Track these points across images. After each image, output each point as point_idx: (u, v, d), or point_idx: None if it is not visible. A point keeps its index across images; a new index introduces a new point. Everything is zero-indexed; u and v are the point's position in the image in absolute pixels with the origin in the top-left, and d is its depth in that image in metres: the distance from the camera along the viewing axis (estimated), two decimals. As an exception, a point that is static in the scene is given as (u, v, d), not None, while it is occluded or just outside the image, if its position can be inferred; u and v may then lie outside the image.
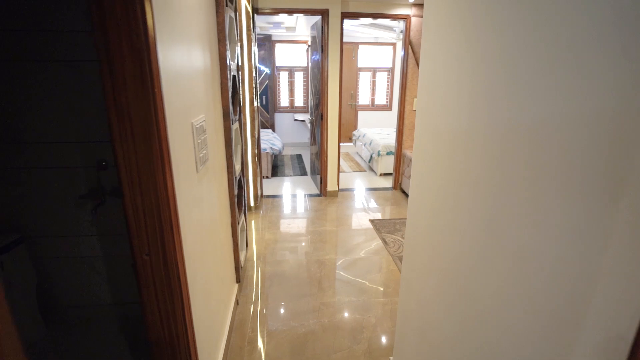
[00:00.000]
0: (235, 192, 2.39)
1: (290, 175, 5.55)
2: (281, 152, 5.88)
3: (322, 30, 4.09)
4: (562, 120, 0.67)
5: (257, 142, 4.16)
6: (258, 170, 4.25)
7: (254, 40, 3.83)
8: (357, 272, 2.85)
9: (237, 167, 2.50)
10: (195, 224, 1.42)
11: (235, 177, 2.39)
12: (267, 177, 5.35)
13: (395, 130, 6.66)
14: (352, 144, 7.58)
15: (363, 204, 4.38)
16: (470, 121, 1.04)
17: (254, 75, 3.86)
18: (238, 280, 2.49)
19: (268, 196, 4.59)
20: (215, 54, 1.89)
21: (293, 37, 7.07)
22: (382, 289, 2.63)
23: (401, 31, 6.30)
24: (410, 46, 4.33)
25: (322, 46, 4.14)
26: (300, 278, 2.76)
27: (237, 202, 2.60)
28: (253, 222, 3.80)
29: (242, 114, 3.55)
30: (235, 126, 2.39)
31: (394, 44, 7.38)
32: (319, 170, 4.66)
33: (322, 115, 4.36)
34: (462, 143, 1.08)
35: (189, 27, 1.38)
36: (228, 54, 2.07)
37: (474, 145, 1.01)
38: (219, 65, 1.99)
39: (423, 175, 1.41)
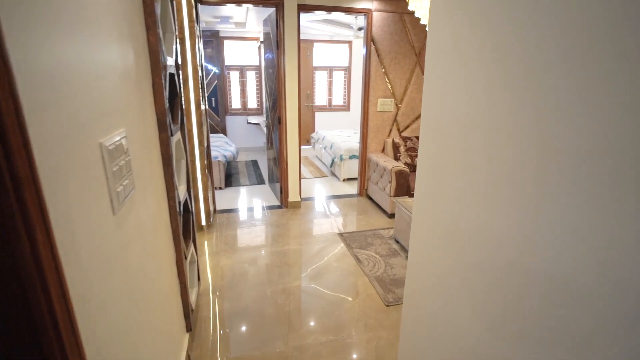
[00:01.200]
0: (180, 219, 1.91)
1: (247, 185, 5.05)
2: (235, 158, 5.36)
3: (276, 24, 3.66)
4: None
5: (206, 151, 3.63)
6: (209, 182, 3.73)
7: (198, 34, 3.31)
8: (332, 301, 2.48)
9: (182, 188, 2.02)
10: (116, 293, 0.96)
11: (179, 202, 1.91)
12: (220, 188, 4.81)
13: (355, 132, 6.42)
14: (310, 146, 7.22)
15: (328, 214, 4.03)
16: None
17: (201, 74, 3.34)
18: (189, 329, 2.00)
19: (222, 211, 4.07)
20: (142, 45, 1.41)
21: (243, 33, 6.54)
22: (363, 322, 2.28)
23: (359, 28, 6.04)
24: (372, 43, 4.05)
25: (277, 42, 3.72)
26: (266, 315, 2.33)
27: (184, 230, 2.11)
28: (206, 244, 3.28)
29: (185, 121, 3.03)
30: (176, 137, 1.90)
31: (350, 42, 7.12)
32: (278, 178, 4.24)
33: (279, 119, 3.94)
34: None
35: (90, 5, 0.91)
36: (162, 46, 1.59)
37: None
38: (149, 61, 1.50)
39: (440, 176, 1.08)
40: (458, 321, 1.06)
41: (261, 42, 6.30)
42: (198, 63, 3.11)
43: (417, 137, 4.25)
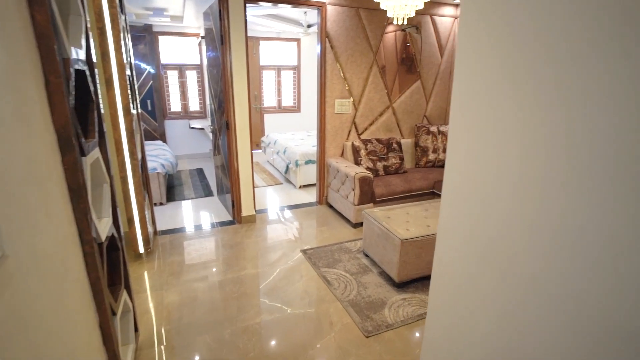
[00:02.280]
0: (103, 265, 1.43)
1: (192, 198, 4.48)
2: (175, 169, 4.75)
3: (220, 17, 3.20)
4: None
5: (141, 163, 3.07)
6: (146, 200, 3.16)
7: (125, 25, 2.75)
8: (303, 338, 2.12)
9: (104, 222, 1.53)
10: None
11: (101, 243, 1.42)
12: (162, 204, 4.20)
13: (309, 134, 6.10)
14: (260, 151, 6.76)
15: (288, 228, 3.65)
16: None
17: (129, 73, 2.78)
18: (123, 407, 1.53)
19: (165, 232, 3.51)
20: (19, 26, 0.94)
21: (181, 28, 5.89)
22: (341, 361, 1.95)
23: (308, 25, 5.72)
24: (328, 39, 3.75)
25: (221, 37, 3.26)
26: (225, 366, 1.90)
27: (110, 277, 1.62)
28: (146, 275, 2.74)
29: (110, 131, 2.48)
30: (92, 157, 1.42)
31: (298, 40, 6.78)
32: (229, 189, 3.77)
33: (227, 124, 3.48)
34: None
35: None
36: (60, 31, 1.12)
37: None
38: (38, 51, 1.03)
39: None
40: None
41: (202, 37, 5.72)
42: (125, 60, 2.56)
43: (378, 140, 4.04)
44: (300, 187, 4.92)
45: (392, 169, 3.99)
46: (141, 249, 2.92)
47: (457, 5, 4.20)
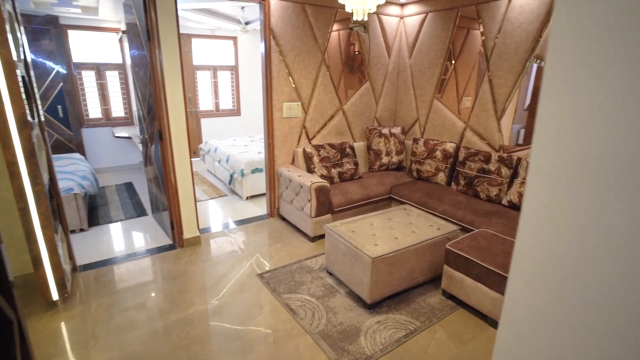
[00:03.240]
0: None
1: (122, 219, 3.84)
2: (97, 185, 4.06)
3: (145, 9, 2.70)
4: None
5: (50, 187, 2.47)
6: (59, 230, 2.56)
7: (12, 12, 2.15)
8: (272, 388, 1.79)
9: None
10: None
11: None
12: (82, 231, 3.52)
13: (252, 139, 5.68)
14: (199, 159, 6.18)
15: (238, 249, 3.26)
16: None
17: (24, 74, 2.19)
18: None
19: (88, 266, 2.90)
20: None
21: (97, 22, 5.10)
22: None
23: (246, 23, 5.30)
24: (272, 37, 3.41)
25: (148, 32, 2.76)
26: None
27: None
28: (64, 329, 2.18)
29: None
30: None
31: (235, 38, 6.31)
32: (166, 207, 3.26)
33: (160, 133, 2.98)
34: None
35: None
36: None
37: None
38: None
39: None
40: None
41: (123, 32, 5.00)
42: (15, 57, 1.98)
43: (331, 145, 3.81)
44: (247, 198, 4.51)
45: (347, 175, 3.79)
46: (55, 295, 2.33)
47: (402, 5, 4.13)
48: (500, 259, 2.24)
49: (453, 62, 3.79)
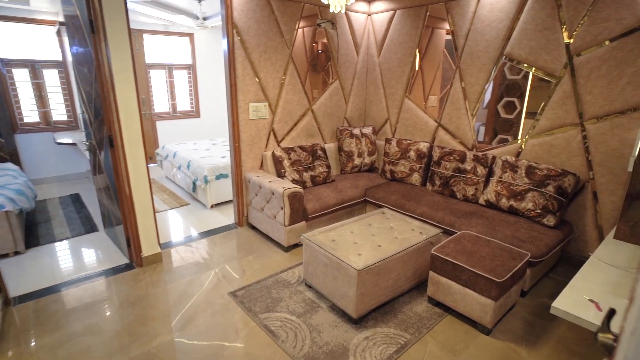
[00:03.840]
0: None
1: (67, 237, 3.38)
2: (33, 200, 3.56)
3: (85, -6, 2.34)
4: None
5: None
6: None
7: None
8: None
9: None
10: None
11: None
12: (18, 254, 3.04)
13: (214, 143, 5.33)
14: (156, 164, 5.72)
15: (206, 264, 2.96)
16: None
17: None
18: None
19: (26, 297, 2.47)
20: None
21: (27, 12, 4.50)
22: None
23: (204, 18, 4.94)
24: (235, 32, 3.14)
25: (91, 24, 2.39)
26: None
27: None
28: (-8, 381, 1.80)
29: None
30: None
31: (191, 35, 5.90)
32: (120, 221, 2.89)
33: (111, 139, 2.62)
34: None
35: None
36: None
37: None
38: None
39: None
40: None
41: (61, 24, 4.46)
42: None
43: (302, 147, 3.60)
44: (212, 206, 4.19)
45: (320, 178, 3.61)
46: (-18, 339, 1.92)
47: (370, 1, 4.02)
48: (489, 263, 2.16)
49: (418, 60, 3.74)
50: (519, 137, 3.12)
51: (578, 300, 1.63)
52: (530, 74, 2.94)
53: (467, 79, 3.33)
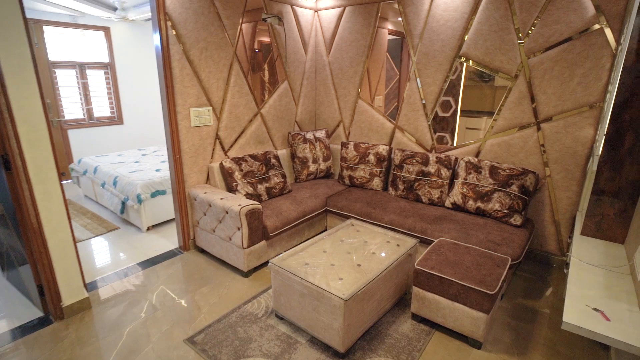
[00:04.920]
0: None
1: (-52, 289, 2.57)
2: None
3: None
4: None
5: None
6: None
7: None
8: None
9: None
10: None
11: None
12: None
13: (144, 154, 4.63)
14: (71, 181, 4.82)
15: (151, 304, 2.45)
16: None
17: None
18: None
19: None
20: None
21: None
22: None
23: (123, 9, 4.24)
24: (170, 24, 2.65)
25: (-34, 4, 1.76)
26: None
27: None
28: None
29: None
30: None
31: (107, 28, 5.08)
32: (25, 260, 2.24)
33: (5, 160, 1.99)
34: None
35: None
36: None
37: None
38: None
39: None
40: None
41: None
42: None
43: (253, 156, 3.22)
44: (149, 229, 3.58)
45: (276, 190, 3.26)
46: None
47: (317, -3, 3.77)
48: (476, 273, 2.05)
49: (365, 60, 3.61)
50: (455, 135, 3.23)
51: (583, 310, 1.56)
52: (463, 74, 3.05)
53: (423, 78, 3.26)
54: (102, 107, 5.32)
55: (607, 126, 2.10)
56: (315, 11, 3.84)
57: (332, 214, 3.35)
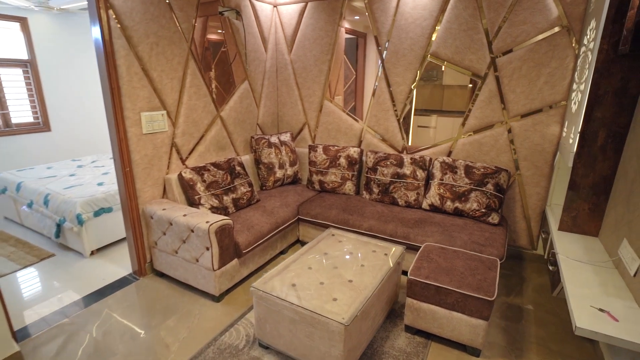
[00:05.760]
0: None
1: None
2: None
3: None
4: None
5: None
6: None
7: None
8: None
9: None
10: None
11: None
12: None
13: (80, 165, 4.03)
14: (-15, 202, 4.04)
15: (107, 348, 2.05)
16: None
17: None
18: None
19: None
20: None
21: None
22: None
23: (46, -5, 3.63)
24: (112, 15, 2.25)
25: None
26: None
27: None
28: None
29: None
30: None
31: (24, 19, 4.34)
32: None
33: None
34: None
35: None
36: None
37: None
38: None
39: None
40: None
41: None
42: None
43: (216, 165, 2.90)
44: (92, 253, 3.09)
45: (243, 201, 2.97)
46: None
47: (276, -9, 3.52)
48: (471, 279, 1.98)
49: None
50: (410, 132, 3.26)
51: (591, 312, 1.54)
52: (418, 74, 3.05)
53: (392, 78, 3.18)
54: (22, 113, 4.54)
55: (580, 124, 2.15)
56: (275, 6, 3.59)
57: (305, 223, 3.15)
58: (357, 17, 3.25)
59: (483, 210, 2.68)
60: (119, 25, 2.29)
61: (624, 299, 1.64)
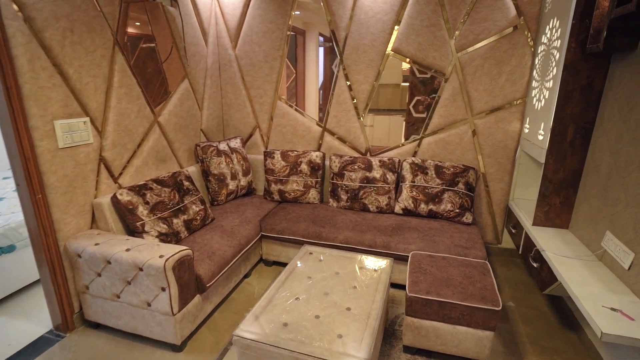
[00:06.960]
0: None
1: None
2: None
3: None
4: None
5: None
6: None
7: None
8: None
9: None
10: None
11: None
12: None
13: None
14: None
15: None
16: None
17: None
18: None
19: None
20: None
21: None
22: None
23: None
24: (17, 6, 1.64)
25: None
26: None
27: None
28: None
29: None
30: None
31: None
32: None
33: None
34: None
35: None
36: None
37: None
38: None
39: None
40: None
41: None
42: None
43: (159, 181, 2.38)
44: (-11, 308, 2.33)
45: (197, 222, 2.50)
46: None
47: (214, -24, 3.06)
48: (472, 288, 1.86)
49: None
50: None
51: (606, 314, 1.50)
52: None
53: (353, 76, 2.98)
54: None
55: (552, 121, 2.19)
56: (214, -6, 3.14)
57: (269, 240, 2.79)
58: (297, 12, 2.98)
59: (457, 210, 2.64)
60: (20, 14, 1.68)
61: (623, 294, 1.64)
